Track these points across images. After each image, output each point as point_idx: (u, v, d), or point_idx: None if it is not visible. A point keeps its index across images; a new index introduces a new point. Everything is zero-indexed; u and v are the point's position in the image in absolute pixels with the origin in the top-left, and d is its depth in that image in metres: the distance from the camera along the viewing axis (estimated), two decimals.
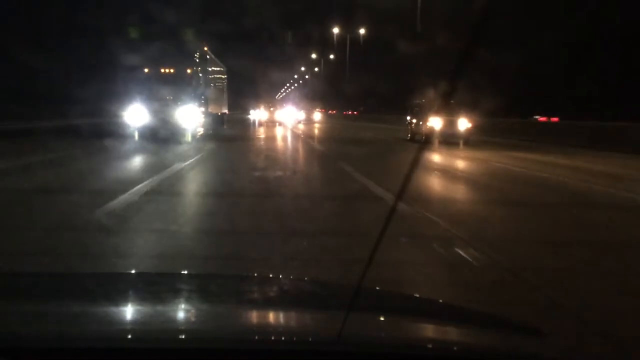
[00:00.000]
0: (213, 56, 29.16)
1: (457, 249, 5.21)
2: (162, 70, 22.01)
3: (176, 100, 21.21)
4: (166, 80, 21.57)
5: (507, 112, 27.48)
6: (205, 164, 13.58)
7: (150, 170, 11.67)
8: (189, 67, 22.88)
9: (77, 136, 18.71)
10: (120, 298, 1.78)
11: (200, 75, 24.07)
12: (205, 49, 25.84)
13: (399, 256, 4.67)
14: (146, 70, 22.08)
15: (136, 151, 16.44)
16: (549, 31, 28.39)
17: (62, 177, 10.44)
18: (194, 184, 10.42)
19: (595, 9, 27.27)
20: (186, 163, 12.83)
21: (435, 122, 20.07)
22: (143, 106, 20.67)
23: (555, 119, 28.16)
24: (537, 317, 3.37)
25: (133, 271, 3.95)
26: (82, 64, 30.16)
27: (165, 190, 8.95)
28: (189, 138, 20.28)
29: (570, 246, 5.56)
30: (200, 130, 22.59)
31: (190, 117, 21.09)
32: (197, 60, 24.06)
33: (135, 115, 20.68)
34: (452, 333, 1.57)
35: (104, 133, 19.25)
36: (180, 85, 21.58)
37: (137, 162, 14.08)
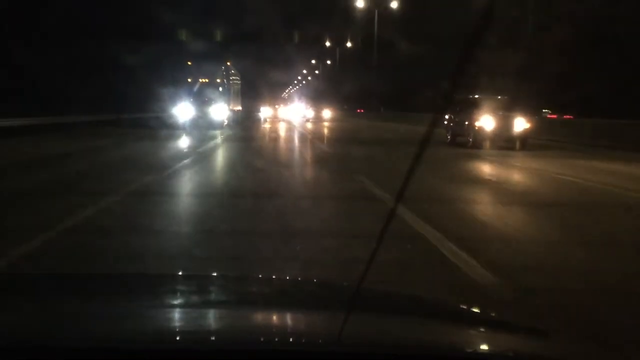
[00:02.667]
0: (233, 69, 39.49)
1: None
2: (201, 80, 32.33)
3: (210, 100, 31.09)
4: (203, 86, 31.75)
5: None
6: (234, 137, 23.32)
7: (203, 140, 21.19)
8: (218, 78, 33.13)
9: (146, 125, 28.02)
10: (120, 299, 1.80)
11: (225, 82, 34.25)
12: (228, 63, 36.25)
13: None
14: (189, 80, 32.29)
15: (191, 133, 25.82)
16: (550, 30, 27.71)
17: (166, 141, 20.23)
18: (231, 143, 20.11)
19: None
20: (223, 136, 22.69)
21: (486, 122, 17.51)
22: (188, 104, 30.55)
23: (568, 117, 26.36)
24: None
25: (133, 272, 4.07)
26: (137, 70, 39.02)
27: (219, 144, 18.87)
28: (219, 127, 29.86)
29: None
30: (226, 122, 32.39)
31: (220, 113, 31.00)
32: (224, 72, 34.28)
33: (182, 111, 30.48)
34: (452, 334, 1.57)
35: (164, 124, 28.84)
36: (212, 90, 31.66)
37: (195, 137, 23.40)
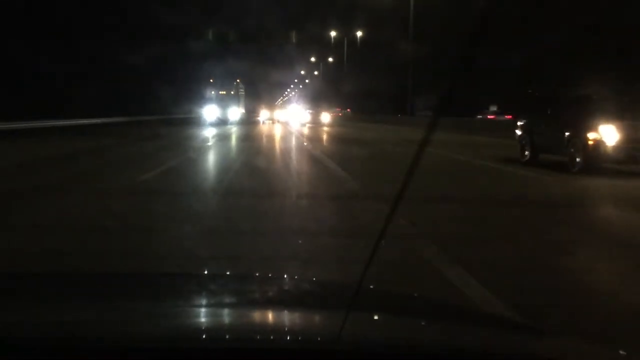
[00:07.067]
0: (241, 83, 56.15)
1: None
2: (220, 92, 48.67)
3: (227, 105, 47.54)
4: (222, 96, 48.07)
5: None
6: (242, 128, 38.82)
7: (222, 130, 36.16)
8: (232, 90, 49.44)
9: (183, 123, 43.55)
10: (120, 298, 1.80)
11: (237, 93, 50.45)
12: (238, 80, 52.81)
13: None
14: (212, 92, 48.66)
15: (216, 126, 41.21)
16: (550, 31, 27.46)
17: (197, 131, 35.68)
18: (240, 131, 35.47)
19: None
20: (235, 127, 38.41)
21: (607, 133, 11.38)
22: (213, 108, 46.93)
23: None
24: None
25: (133, 272, 4.03)
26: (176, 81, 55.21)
27: (234, 132, 34.53)
28: (234, 123, 45.82)
29: None
30: (237, 120, 48.63)
31: (234, 114, 47.47)
32: (235, 85, 50.66)
33: (209, 112, 46.80)
34: (451, 333, 1.57)
35: (195, 121, 44.57)
36: (229, 98, 47.87)
37: (217, 129, 38.38)
